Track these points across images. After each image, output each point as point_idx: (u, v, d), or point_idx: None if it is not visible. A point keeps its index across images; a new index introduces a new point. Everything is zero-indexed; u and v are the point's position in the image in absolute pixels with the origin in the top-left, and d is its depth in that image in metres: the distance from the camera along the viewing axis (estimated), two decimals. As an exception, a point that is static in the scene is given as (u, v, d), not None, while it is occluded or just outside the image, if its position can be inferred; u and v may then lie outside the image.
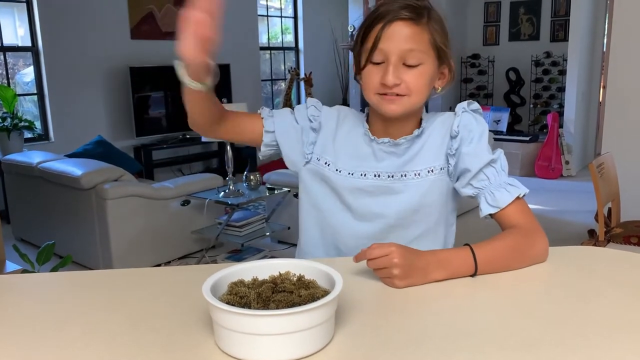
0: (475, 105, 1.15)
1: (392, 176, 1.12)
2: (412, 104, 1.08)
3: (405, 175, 1.12)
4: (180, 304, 0.90)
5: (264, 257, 3.50)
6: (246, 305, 0.72)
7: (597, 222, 2.79)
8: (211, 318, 0.74)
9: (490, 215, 1.09)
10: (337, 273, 0.77)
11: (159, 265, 3.61)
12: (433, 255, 0.97)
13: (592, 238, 2.96)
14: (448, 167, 1.12)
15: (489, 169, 1.08)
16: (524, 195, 1.09)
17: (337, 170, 1.15)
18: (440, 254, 0.98)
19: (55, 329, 0.83)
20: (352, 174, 1.14)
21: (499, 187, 1.07)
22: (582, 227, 4.16)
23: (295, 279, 0.79)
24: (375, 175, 1.13)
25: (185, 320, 0.83)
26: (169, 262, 3.67)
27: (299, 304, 0.71)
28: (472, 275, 0.97)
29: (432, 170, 1.12)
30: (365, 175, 1.13)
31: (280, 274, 0.80)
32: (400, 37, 1.03)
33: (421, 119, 1.16)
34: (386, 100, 1.07)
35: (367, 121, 1.17)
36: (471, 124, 1.11)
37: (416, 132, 1.13)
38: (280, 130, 1.18)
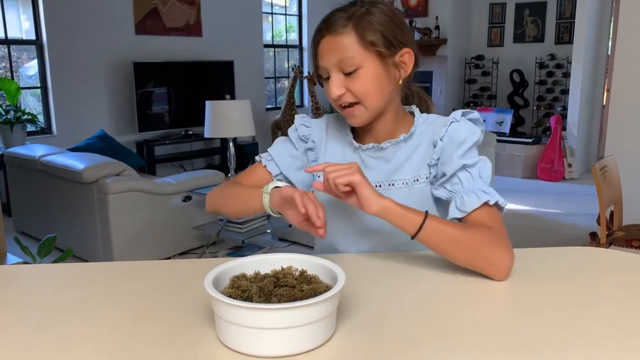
0: (474, 114, 1.09)
1: (380, 185, 1.10)
2: (370, 108, 1.06)
3: (393, 185, 1.10)
4: (181, 297, 0.90)
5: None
6: (248, 298, 0.72)
7: (599, 225, 2.78)
8: (212, 311, 0.73)
9: (458, 219, 1.02)
10: (340, 269, 0.76)
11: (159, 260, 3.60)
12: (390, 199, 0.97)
13: (593, 241, 2.95)
14: (430, 177, 1.09)
15: (463, 173, 1.03)
16: (496, 205, 1.00)
17: None
18: (397, 204, 0.96)
19: (55, 321, 0.83)
20: None
21: (471, 192, 1.01)
22: (584, 230, 4.15)
23: (297, 273, 0.78)
24: None
25: (187, 314, 0.83)
26: (169, 257, 3.66)
27: (301, 299, 0.71)
28: (412, 237, 0.95)
29: (417, 180, 1.09)
30: None
31: (283, 269, 0.80)
32: (330, 50, 1.03)
33: (414, 121, 1.13)
34: (346, 114, 1.08)
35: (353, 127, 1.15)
36: (460, 133, 1.05)
37: (402, 136, 1.10)
38: (285, 166, 1.19)
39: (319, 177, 1.16)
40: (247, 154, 6.01)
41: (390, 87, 1.07)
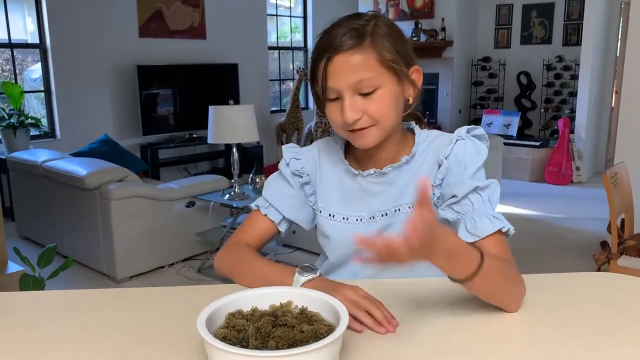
0: (479, 130, 1.03)
1: (386, 214, 1.04)
2: (383, 130, 0.99)
3: (399, 210, 1.04)
4: (175, 331, 0.85)
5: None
6: (244, 340, 0.67)
7: (610, 234, 2.72)
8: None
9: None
10: (343, 306, 0.71)
11: (162, 267, 3.57)
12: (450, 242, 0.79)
13: (604, 250, 2.89)
14: (434, 198, 1.02)
15: (474, 195, 0.96)
16: (507, 232, 0.95)
17: (330, 215, 1.09)
18: (454, 243, 0.79)
19: (42, 356, 0.78)
20: (347, 219, 1.07)
21: (482, 215, 0.95)
22: (593, 235, 4.08)
23: (297, 311, 0.73)
24: (370, 218, 1.05)
25: (180, 352, 0.78)
26: (173, 264, 3.63)
27: (301, 341, 0.66)
28: (462, 281, 0.81)
29: None
30: (361, 220, 1.06)
31: (282, 305, 0.75)
32: (345, 70, 0.94)
33: (415, 140, 1.06)
34: (356, 136, 0.99)
35: (347, 152, 1.09)
36: (466, 152, 1.00)
37: (404, 159, 1.04)
38: (286, 210, 1.11)
39: (320, 212, 1.10)
40: (251, 157, 5.97)
41: (403, 107, 1.01)
